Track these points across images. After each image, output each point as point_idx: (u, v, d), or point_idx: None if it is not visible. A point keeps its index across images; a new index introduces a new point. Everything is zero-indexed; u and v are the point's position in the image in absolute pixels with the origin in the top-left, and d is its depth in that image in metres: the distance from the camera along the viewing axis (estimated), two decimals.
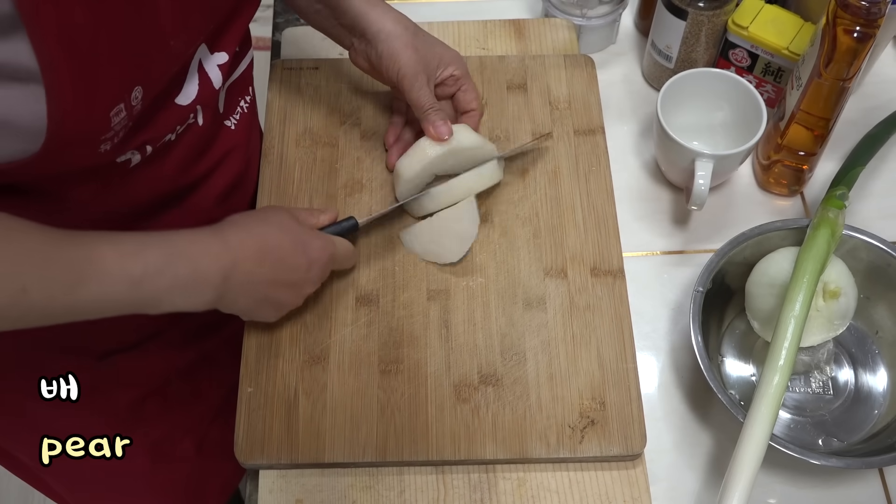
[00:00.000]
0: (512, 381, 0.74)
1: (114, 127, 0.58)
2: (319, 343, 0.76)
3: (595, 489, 0.71)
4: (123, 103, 0.58)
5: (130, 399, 0.89)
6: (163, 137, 0.67)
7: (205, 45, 0.68)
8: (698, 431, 0.77)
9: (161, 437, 0.94)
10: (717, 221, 0.89)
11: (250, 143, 0.83)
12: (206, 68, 0.69)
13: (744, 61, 0.91)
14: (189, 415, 0.96)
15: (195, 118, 0.71)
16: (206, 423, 0.98)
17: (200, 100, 0.69)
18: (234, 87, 0.77)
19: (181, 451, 0.97)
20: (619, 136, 0.94)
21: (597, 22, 0.97)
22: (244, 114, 0.79)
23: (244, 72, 0.78)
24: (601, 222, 0.82)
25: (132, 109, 0.59)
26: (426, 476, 0.72)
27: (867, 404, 0.79)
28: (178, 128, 0.69)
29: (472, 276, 0.79)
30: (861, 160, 0.85)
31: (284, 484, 0.72)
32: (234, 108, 0.78)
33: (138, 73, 0.59)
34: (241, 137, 0.79)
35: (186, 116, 0.69)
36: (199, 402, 0.97)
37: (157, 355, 0.89)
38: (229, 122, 0.78)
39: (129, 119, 0.60)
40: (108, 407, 0.88)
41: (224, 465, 0.99)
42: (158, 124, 0.66)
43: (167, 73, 0.64)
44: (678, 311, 0.84)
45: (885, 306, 0.80)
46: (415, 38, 0.79)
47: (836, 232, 0.75)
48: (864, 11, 0.73)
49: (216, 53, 0.70)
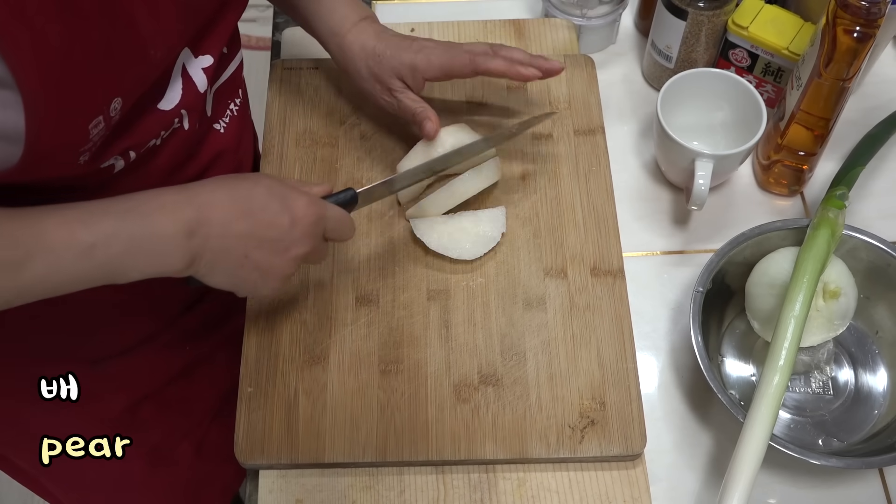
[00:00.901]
0: (512, 381, 0.74)
1: (92, 139, 0.57)
2: (319, 343, 0.76)
3: (595, 489, 0.71)
4: (102, 115, 0.56)
5: (126, 403, 0.88)
6: (146, 143, 0.65)
7: (188, 49, 0.67)
8: (698, 431, 0.77)
9: (159, 441, 0.93)
10: (717, 221, 0.89)
11: (241, 146, 0.81)
12: (189, 72, 0.67)
13: (744, 61, 0.91)
14: (186, 418, 0.95)
15: (180, 123, 0.68)
16: (205, 425, 0.97)
17: (185, 104, 0.67)
18: (223, 91, 0.76)
19: (180, 455, 0.96)
20: (619, 136, 0.94)
21: (597, 22, 0.97)
22: (234, 117, 0.78)
23: (233, 74, 0.77)
24: (601, 222, 0.82)
25: (110, 120, 0.58)
26: (426, 476, 0.72)
27: (867, 404, 0.79)
28: (162, 133, 0.66)
29: (472, 276, 0.79)
30: (861, 160, 0.85)
31: (284, 484, 0.72)
32: (224, 111, 0.77)
33: (117, 85, 0.57)
34: (231, 141, 0.77)
35: (171, 121, 0.67)
36: (197, 405, 0.96)
37: (152, 358, 0.88)
38: (218, 126, 0.76)
39: (106, 129, 0.58)
40: (104, 412, 0.87)
41: (224, 468, 0.98)
42: (141, 130, 0.64)
43: (147, 82, 0.62)
44: (678, 311, 0.84)
45: (885, 306, 0.80)
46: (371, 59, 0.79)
47: (836, 232, 0.75)
48: (864, 11, 0.73)
49: (200, 57, 0.68)
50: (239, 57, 0.78)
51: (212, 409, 0.97)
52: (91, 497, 0.99)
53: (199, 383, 0.95)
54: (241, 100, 0.80)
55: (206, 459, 0.98)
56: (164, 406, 0.92)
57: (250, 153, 0.87)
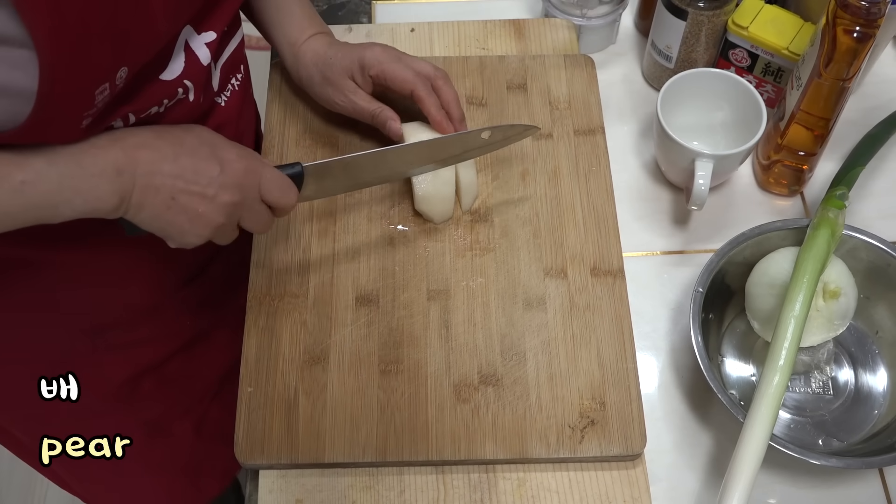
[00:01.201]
0: (512, 381, 0.74)
1: (97, 104, 0.59)
2: (319, 343, 0.76)
3: (595, 489, 0.71)
4: (108, 83, 0.58)
5: (126, 376, 0.90)
6: (147, 109, 0.66)
7: (190, 26, 0.69)
8: (698, 431, 0.77)
9: (158, 416, 0.94)
10: (717, 221, 0.89)
11: (241, 119, 0.82)
12: (192, 46, 0.69)
13: (744, 61, 0.91)
14: (186, 395, 0.97)
15: (185, 94, 0.70)
16: (205, 403, 0.99)
17: (187, 75, 0.68)
18: (226, 66, 0.78)
19: (179, 432, 0.97)
20: (619, 136, 0.94)
21: (597, 22, 0.97)
22: (235, 91, 0.79)
23: (235, 51, 0.79)
24: (601, 222, 0.82)
25: (115, 88, 0.60)
26: (426, 476, 0.72)
27: (867, 404, 0.79)
28: (165, 101, 0.68)
29: (472, 276, 0.79)
30: (861, 160, 0.85)
31: (284, 484, 0.72)
32: (225, 85, 0.79)
33: (125, 53, 0.59)
34: (232, 114, 0.79)
35: (174, 91, 0.68)
36: (196, 382, 0.97)
37: (153, 332, 0.89)
38: (219, 99, 0.78)
39: (110, 96, 0.60)
40: (104, 383, 0.88)
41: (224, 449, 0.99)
42: (142, 98, 0.65)
43: (152, 52, 0.64)
44: (678, 311, 0.84)
45: (885, 306, 0.80)
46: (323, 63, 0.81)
47: (836, 232, 0.75)
48: (863, 11, 0.73)
49: (204, 33, 0.70)
50: (240, 34, 0.79)
51: (211, 389, 0.99)
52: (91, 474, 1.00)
53: (199, 360, 0.96)
54: (243, 76, 0.81)
55: (206, 439, 0.99)
56: (164, 381, 0.93)
57: (252, 131, 0.88)
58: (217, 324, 0.95)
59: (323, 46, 0.82)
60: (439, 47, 0.97)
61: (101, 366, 0.87)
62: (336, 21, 1.03)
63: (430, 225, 0.82)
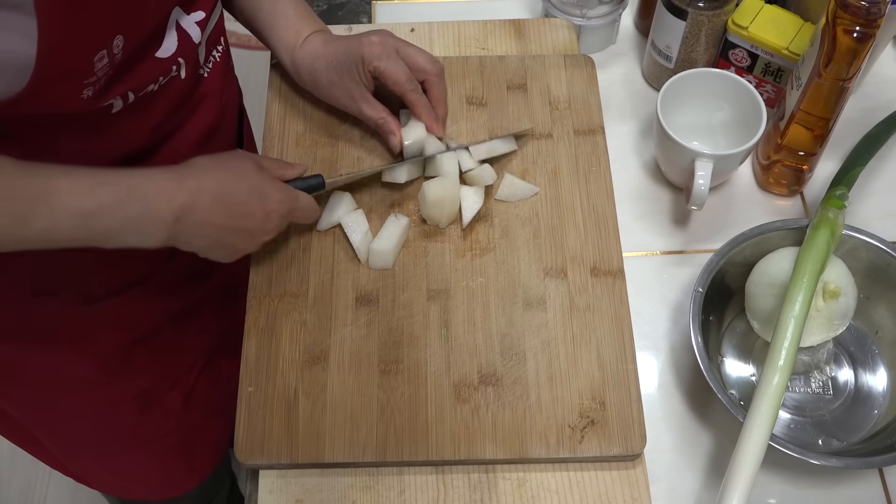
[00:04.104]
0: (512, 381, 0.74)
1: (97, 72, 0.61)
2: (319, 343, 0.76)
3: (595, 489, 0.71)
4: (106, 49, 0.60)
5: (117, 345, 0.90)
6: (145, 87, 0.70)
7: (179, 8, 0.71)
8: (698, 431, 0.77)
9: (148, 386, 0.95)
10: (717, 221, 0.89)
11: (224, 91, 0.84)
12: (183, 26, 0.72)
13: (744, 61, 0.91)
14: (176, 366, 0.97)
15: (178, 71, 0.73)
16: (195, 375, 0.99)
17: (181, 53, 0.72)
18: (209, 40, 0.79)
19: (169, 403, 0.98)
20: (619, 136, 0.94)
21: (597, 22, 0.97)
22: (217, 62, 0.81)
23: (217, 24, 0.80)
24: (601, 222, 0.82)
25: (114, 57, 0.62)
26: (426, 476, 0.72)
27: (867, 404, 0.79)
28: (160, 79, 0.71)
29: (472, 276, 0.79)
30: (861, 160, 0.85)
31: (284, 484, 0.72)
32: (208, 58, 0.80)
33: (120, 22, 0.62)
34: (215, 85, 0.81)
35: (168, 69, 0.71)
36: (186, 353, 0.98)
37: (144, 302, 0.90)
38: (202, 71, 0.79)
39: (110, 67, 0.62)
40: (95, 350, 0.89)
41: (213, 423, 1.03)
42: (140, 74, 0.68)
43: (145, 26, 0.67)
44: (678, 311, 0.84)
45: (885, 306, 0.80)
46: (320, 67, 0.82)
47: (836, 232, 0.75)
48: (863, 11, 0.73)
49: (193, 13, 0.73)
50: (219, 8, 0.80)
51: (200, 361, 1.00)
52: (83, 448, 1.00)
53: (189, 331, 0.97)
54: (224, 47, 0.83)
55: (196, 411, 1.00)
56: (154, 352, 0.94)
57: (234, 101, 0.89)
58: (206, 295, 0.96)
59: (320, 46, 0.83)
60: (439, 47, 0.97)
61: (94, 333, 0.87)
62: (336, 21, 1.03)
63: (431, 225, 0.82)
